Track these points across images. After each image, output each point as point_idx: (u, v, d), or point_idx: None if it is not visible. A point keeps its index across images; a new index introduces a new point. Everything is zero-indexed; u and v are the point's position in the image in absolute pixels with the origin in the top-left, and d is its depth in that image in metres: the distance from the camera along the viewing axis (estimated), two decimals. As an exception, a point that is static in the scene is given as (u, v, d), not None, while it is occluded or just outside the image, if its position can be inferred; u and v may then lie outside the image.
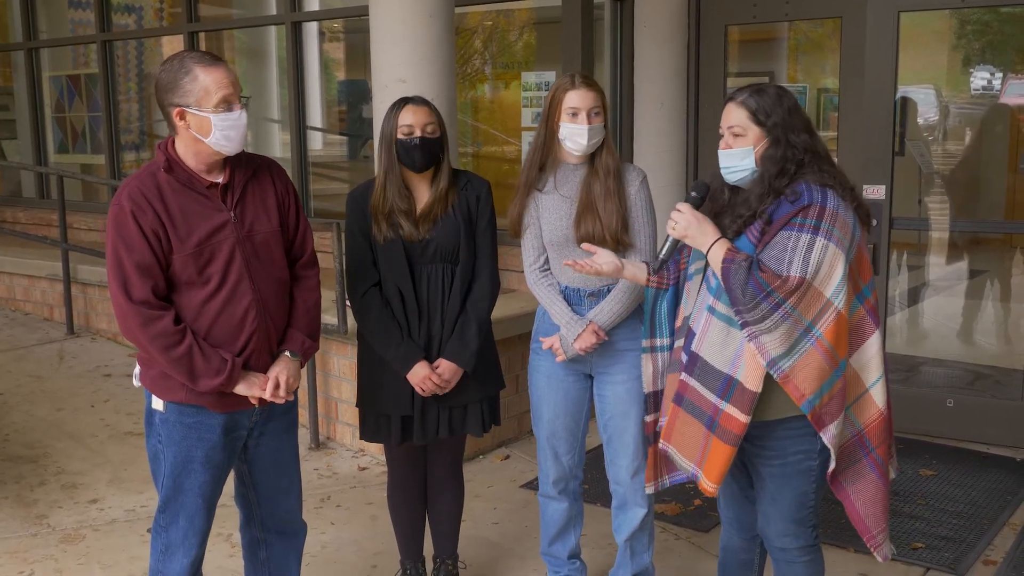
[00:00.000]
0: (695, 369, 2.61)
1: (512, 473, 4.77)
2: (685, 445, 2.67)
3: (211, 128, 2.58)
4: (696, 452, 2.64)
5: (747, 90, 2.60)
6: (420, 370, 3.18)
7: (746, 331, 2.46)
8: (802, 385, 2.47)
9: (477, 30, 6.68)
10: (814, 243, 2.43)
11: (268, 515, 2.99)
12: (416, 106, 3.16)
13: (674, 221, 2.60)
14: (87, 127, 8.60)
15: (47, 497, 4.47)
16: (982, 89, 6.79)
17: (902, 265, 6.78)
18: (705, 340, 2.58)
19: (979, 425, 5.04)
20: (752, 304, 2.42)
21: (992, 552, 3.86)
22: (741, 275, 2.44)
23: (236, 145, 2.64)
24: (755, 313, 2.42)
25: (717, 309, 2.56)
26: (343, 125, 7.78)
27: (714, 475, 2.59)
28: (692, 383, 2.62)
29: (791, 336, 2.44)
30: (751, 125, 2.56)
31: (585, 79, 3.12)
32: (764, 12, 5.51)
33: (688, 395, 2.63)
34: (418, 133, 3.13)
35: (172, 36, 8.00)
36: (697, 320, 2.65)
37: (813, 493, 2.67)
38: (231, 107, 2.60)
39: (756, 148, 2.55)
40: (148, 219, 2.58)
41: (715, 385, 2.55)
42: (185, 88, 2.57)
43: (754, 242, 2.53)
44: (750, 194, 2.56)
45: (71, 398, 5.79)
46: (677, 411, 2.67)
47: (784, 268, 2.43)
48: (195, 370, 2.62)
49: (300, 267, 2.90)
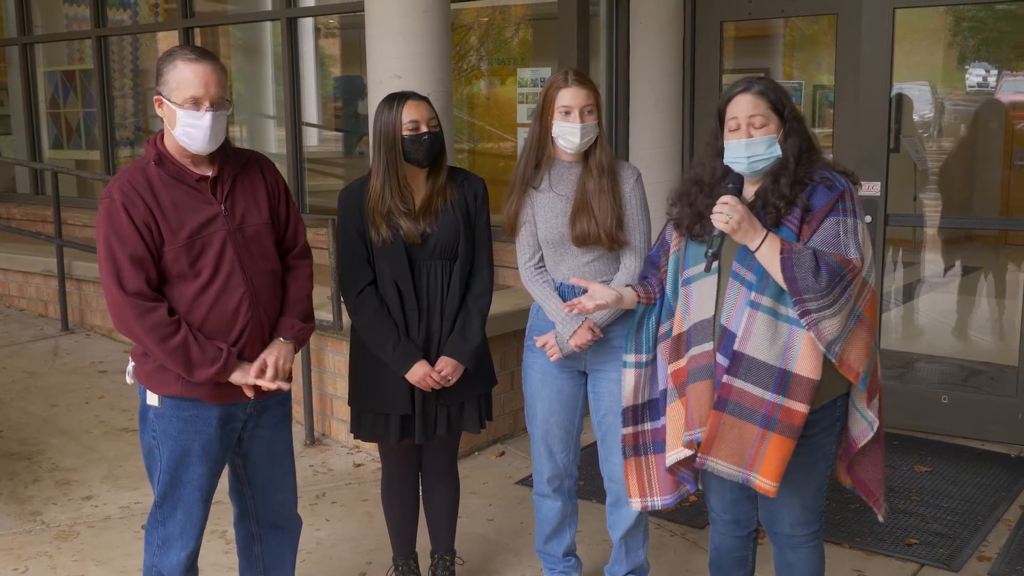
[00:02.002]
0: (740, 369, 2.53)
1: (507, 470, 4.77)
2: (732, 452, 2.58)
3: (176, 121, 2.61)
4: (747, 455, 2.57)
5: (756, 82, 2.61)
6: (419, 369, 3.17)
7: (807, 319, 2.44)
8: (856, 364, 2.52)
9: (473, 26, 6.67)
10: (857, 226, 2.52)
11: (263, 509, 2.99)
12: (417, 101, 3.15)
13: (725, 215, 2.50)
14: (82, 123, 8.58)
15: (41, 494, 4.46)
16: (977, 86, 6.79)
17: (897, 261, 6.78)
18: (751, 338, 2.52)
19: (974, 421, 5.05)
20: (827, 290, 2.42)
21: (986, 548, 3.87)
22: (808, 262, 2.44)
23: (199, 145, 2.63)
24: (828, 299, 2.43)
25: (762, 304, 2.52)
26: (339, 121, 7.77)
27: (773, 472, 2.54)
28: (738, 384, 2.54)
29: (844, 319, 2.48)
30: (772, 114, 2.57)
31: (578, 76, 3.10)
32: (760, 8, 5.51)
33: (733, 398, 2.55)
34: (424, 128, 3.12)
35: (167, 32, 7.98)
36: (734, 320, 2.58)
37: (829, 478, 2.74)
38: (197, 107, 2.59)
39: (778, 136, 2.58)
40: (139, 211, 2.58)
41: (768, 382, 2.51)
42: (165, 77, 2.62)
43: (795, 231, 2.53)
44: (772, 183, 2.56)
45: (65, 394, 5.78)
46: (721, 417, 2.57)
47: (844, 252, 2.48)
48: (191, 360, 2.62)
49: (292, 257, 2.90)
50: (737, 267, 2.60)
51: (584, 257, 3.16)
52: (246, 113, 8.06)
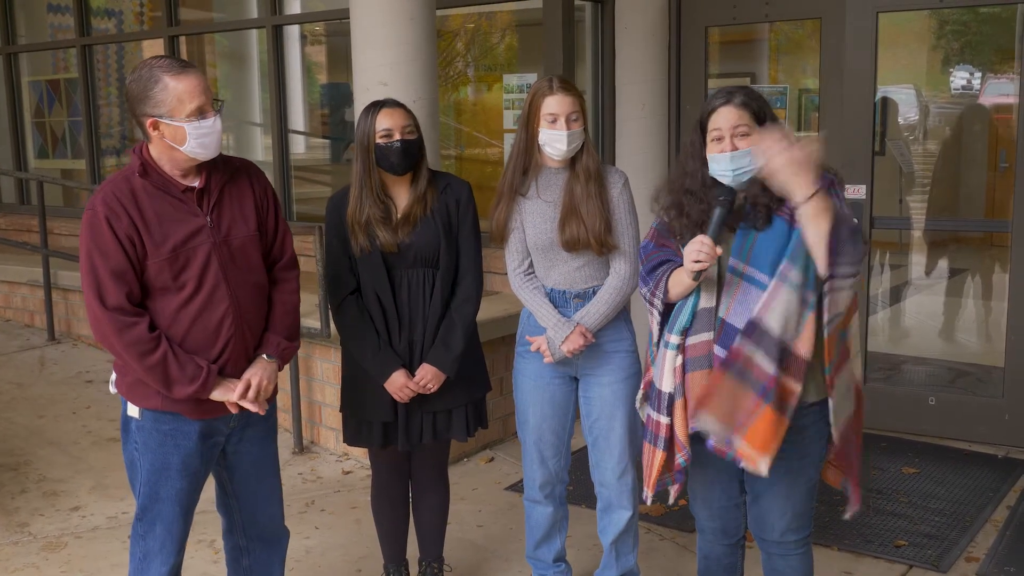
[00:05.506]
0: (754, 336, 2.50)
1: (497, 475, 4.76)
2: (725, 412, 2.54)
3: (186, 137, 2.56)
4: (738, 419, 2.53)
5: (737, 92, 2.61)
6: (398, 378, 3.17)
7: (833, 283, 2.45)
8: (830, 347, 2.54)
9: (459, 32, 6.67)
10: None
11: (250, 522, 2.98)
12: (392, 109, 3.16)
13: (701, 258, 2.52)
14: (67, 132, 8.55)
15: (28, 505, 4.44)
16: (962, 89, 6.83)
17: (884, 265, 6.82)
18: (771, 307, 2.48)
19: (961, 423, 5.07)
20: (859, 258, 2.47)
21: (974, 549, 3.88)
22: (848, 227, 2.45)
23: (212, 151, 2.62)
24: (856, 267, 2.47)
25: (790, 277, 2.49)
26: (325, 128, 7.76)
27: (758, 441, 2.51)
28: (748, 350, 2.51)
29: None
30: (754, 124, 2.58)
31: (563, 83, 3.11)
32: (744, 13, 5.53)
33: (741, 362, 2.51)
34: (397, 136, 3.12)
35: (152, 40, 7.95)
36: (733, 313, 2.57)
37: (818, 482, 2.73)
38: (204, 115, 2.57)
39: None
40: (122, 225, 2.55)
41: (774, 353, 2.49)
42: (156, 98, 2.54)
43: (788, 221, 2.53)
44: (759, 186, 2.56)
45: (52, 405, 5.75)
46: (723, 376, 2.54)
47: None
48: (170, 377, 2.60)
49: (279, 269, 2.88)
50: (735, 262, 2.60)
51: (574, 262, 3.16)
52: (233, 121, 8.04)
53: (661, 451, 2.74)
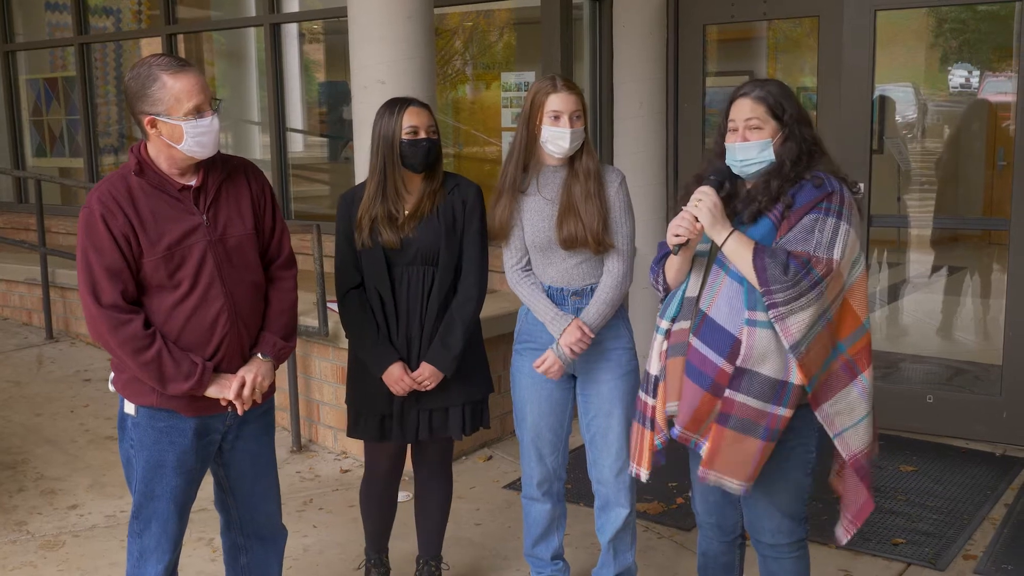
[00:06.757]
0: (742, 384, 2.51)
1: (495, 474, 4.76)
2: (736, 466, 2.56)
3: (183, 135, 2.56)
4: (748, 468, 2.55)
5: (757, 85, 2.63)
6: (394, 371, 3.20)
7: (774, 312, 2.44)
8: (811, 365, 2.50)
9: (457, 31, 6.67)
10: (839, 227, 2.50)
11: (247, 520, 2.98)
12: (418, 108, 3.19)
13: (697, 199, 2.56)
14: (65, 130, 8.54)
15: (26, 503, 4.43)
16: (960, 87, 6.84)
17: (882, 262, 6.82)
18: (754, 353, 2.50)
19: (959, 421, 5.07)
20: (794, 281, 2.42)
21: (972, 547, 3.88)
22: (779, 256, 2.45)
23: (210, 150, 2.62)
24: (794, 290, 2.42)
25: (759, 320, 2.50)
26: (323, 127, 7.75)
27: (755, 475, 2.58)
28: (740, 398, 2.52)
29: (815, 317, 2.47)
30: (768, 119, 2.59)
31: (566, 82, 3.13)
32: (742, 11, 5.53)
33: (736, 412, 2.53)
34: (423, 134, 3.16)
35: (150, 39, 7.95)
36: (715, 307, 2.58)
37: (809, 487, 2.71)
38: (202, 114, 2.57)
39: (774, 141, 2.60)
40: (118, 222, 2.56)
41: (770, 394, 2.50)
42: (154, 96, 2.54)
43: (776, 223, 2.54)
44: (764, 183, 2.58)
45: (50, 403, 5.75)
46: (723, 432, 2.55)
47: (815, 248, 2.47)
48: (164, 374, 2.60)
49: (277, 268, 2.87)
50: (722, 254, 2.60)
51: (571, 260, 3.17)
52: (231, 119, 8.04)
53: (648, 431, 2.78)
